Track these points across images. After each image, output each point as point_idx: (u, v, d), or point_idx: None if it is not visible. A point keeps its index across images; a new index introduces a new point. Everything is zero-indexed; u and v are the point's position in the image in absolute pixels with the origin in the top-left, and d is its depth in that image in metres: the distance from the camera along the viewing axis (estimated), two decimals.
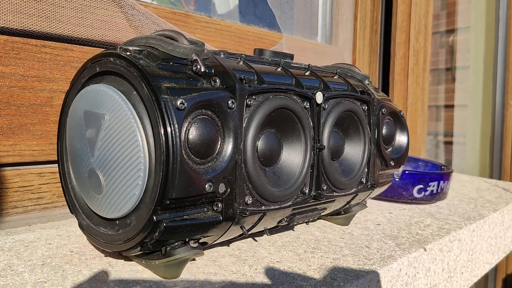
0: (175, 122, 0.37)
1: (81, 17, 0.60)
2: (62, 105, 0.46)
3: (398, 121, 0.67)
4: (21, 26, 0.54)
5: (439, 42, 1.88)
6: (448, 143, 1.85)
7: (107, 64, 0.42)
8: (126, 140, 0.38)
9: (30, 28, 0.55)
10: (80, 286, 0.41)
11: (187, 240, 0.42)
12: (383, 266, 0.52)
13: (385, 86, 1.18)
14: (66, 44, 0.59)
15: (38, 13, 0.56)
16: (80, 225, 0.46)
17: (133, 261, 0.47)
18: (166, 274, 0.44)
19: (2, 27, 0.53)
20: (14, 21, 0.54)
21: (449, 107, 1.84)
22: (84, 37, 0.60)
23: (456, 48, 1.83)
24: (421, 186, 0.81)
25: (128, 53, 0.40)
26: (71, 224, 0.59)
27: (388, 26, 1.15)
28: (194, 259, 0.49)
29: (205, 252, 0.52)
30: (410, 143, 1.27)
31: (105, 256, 0.49)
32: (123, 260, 0.48)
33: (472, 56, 1.73)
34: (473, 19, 1.71)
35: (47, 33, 0.57)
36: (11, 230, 0.55)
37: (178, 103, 0.37)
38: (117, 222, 0.42)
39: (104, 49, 0.44)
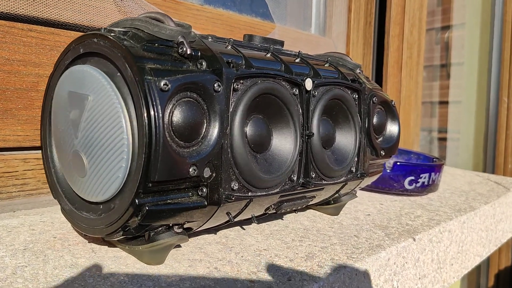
0: (158, 103, 0.36)
1: (69, 1, 0.59)
2: (46, 88, 0.45)
3: (390, 110, 0.66)
4: (7, 10, 0.53)
5: (434, 38, 1.88)
6: (442, 139, 1.85)
7: (91, 45, 0.41)
8: (109, 122, 0.37)
9: (16, 11, 0.54)
10: (61, 271, 0.41)
11: (171, 225, 0.42)
12: (371, 255, 0.52)
13: (379, 79, 1.17)
14: (52, 29, 0.58)
15: None
16: (63, 210, 0.45)
17: (117, 247, 0.46)
18: (150, 260, 0.43)
19: None
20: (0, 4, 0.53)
21: (444, 103, 1.85)
22: (71, 22, 0.59)
23: (451, 44, 1.83)
24: (412, 177, 0.81)
25: (112, 34, 0.40)
26: (56, 210, 0.58)
27: (382, 19, 1.14)
28: (179, 246, 0.49)
29: (192, 239, 0.51)
30: (403, 137, 1.27)
31: (88, 242, 0.48)
32: (106, 246, 0.47)
33: (467, 52, 1.73)
34: (469, 15, 1.71)
35: (33, 17, 0.56)
36: None
37: (162, 84, 0.36)
38: (101, 206, 0.41)
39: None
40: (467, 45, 1.73)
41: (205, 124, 0.40)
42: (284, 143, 0.49)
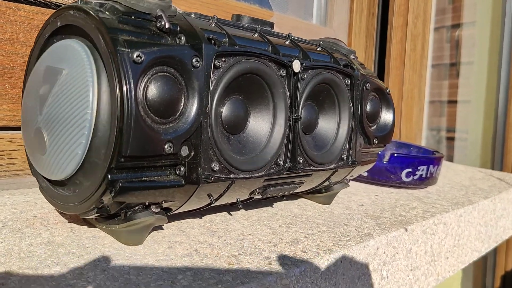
0: (130, 75, 0.35)
1: None
2: (26, 65, 0.45)
3: (384, 98, 0.65)
4: None
5: (444, 36, 1.85)
6: (451, 139, 1.82)
7: (68, 18, 0.40)
8: (76, 96, 0.36)
9: None
10: (36, 248, 0.40)
11: (147, 204, 0.41)
12: (359, 243, 0.51)
13: (381, 72, 1.15)
14: (41, 8, 0.57)
15: None
16: (41, 187, 0.44)
17: (96, 227, 0.46)
18: (128, 241, 0.43)
19: None
20: None
21: (453, 102, 1.82)
22: (59, 2, 0.59)
23: (461, 43, 1.80)
24: (410, 170, 0.79)
25: (88, 6, 0.39)
26: (40, 192, 0.58)
27: (386, 10, 1.12)
28: (161, 228, 0.48)
29: (175, 222, 0.50)
30: (405, 131, 1.25)
31: (68, 222, 0.47)
32: (86, 227, 0.46)
33: (477, 51, 1.70)
34: (479, 14, 1.68)
35: None
36: None
37: (135, 55, 0.35)
38: (68, 184, 0.40)
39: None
40: (477, 43, 1.70)
41: (183, 101, 0.39)
42: (260, 126, 0.48)
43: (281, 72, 0.49)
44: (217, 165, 0.43)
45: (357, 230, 0.55)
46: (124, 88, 0.35)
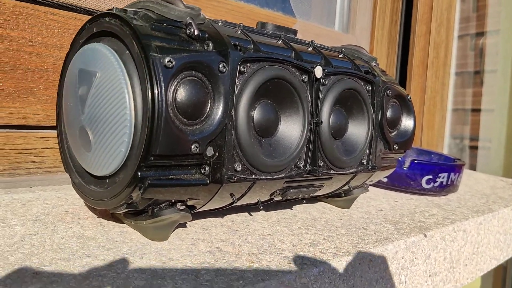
0: (161, 79, 0.37)
1: None
2: (62, 67, 0.47)
3: (405, 104, 0.66)
4: None
5: (468, 44, 1.84)
6: (474, 148, 1.81)
7: (103, 24, 0.42)
8: (114, 97, 0.39)
9: None
10: (68, 241, 0.42)
11: (173, 201, 0.43)
12: (378, 247, 0.52)
13: (403, 79, 1.16)
14: (74, 13, 0.60)
15: None
16: (73, 184, 0.47)
17: (123, 222, 0.48)
18: (154, 236, 0.45)
19: None
20: None
21: (476, 111, 1.80)
22: (93, 8, 0.62)
23: (485, 51, 1.78)
24: (430, 176, 0.79)
25: (123, 13, 0.41)
26: (72, 188, 0.60)
27: (408, 17, 1.13)
28: (184, 226, 0.50)
29: (198, 221, 0.52)
30: (427, 138, 1.25)
31: (97, 217, 0.49)
32: (114, 222, 0.48)
33: (501, 59, 1.68)
34: (504, 22, 1.66)
35: (56, 1, 0.58)
36: (12, 190, 0.56)
37: (166, 61, 0.37)
38: (107, 180, 0.43)
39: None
40: (501, 52, 1.69)
41: (209, 104, 0.41)
42: (291, 129, 0.50)
43: (303, 77, 0.51)
44: (240, 166, 0.45)
45: (375, 234, 0.56)
46: (156, 91, 0.37)
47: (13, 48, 0.56)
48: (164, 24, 0.41)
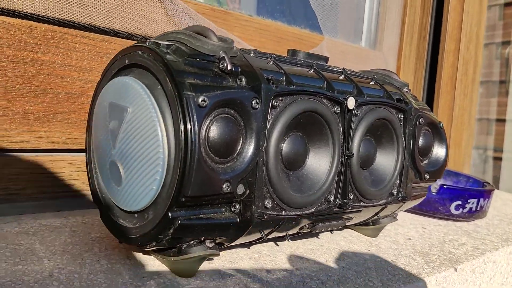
0: (195, 119, 0.36)
1: (121, 10, 0.61)
2: (93, 96, 0.47)
3: (437, 132, 0.64)
4: (61, 16, 0.56)
5: (494, 53, 1.80)
6: (498, 159, 1.77)
7: (136, 57, 0.42)
8: (146, 134, 0.38)
9: (70, 18, 0.57)
10: (96, 276, 0.42)
11: (203, 239, 0.42)
12: (408, 283, 0.50)
13: (430, 96, 1.13)
14: (104, 36, 0.60)
15: (79, 3, 0.57)
16: (101, 216, 0.46)
17: (151, 255, 0.47)
18: (182, 272, 0.44)
19: (43, 15, 0.54)
20: (55, 10, 0.55)
21: (501, 121, 1.76)
22: (122, 30, 0.61)
23: (511, 60, 1.74)
24: (459, 202, 0.77)
25: (156, 47, 0.40)
26: (98, 212, 0.60)
27: (437, 34, 1.10)
28: (211, 259, 0.49)
29: (224, 252, 0.51)
30: (454, 157, 1.22)
31: (124, 248, 0.49)
32: (141, 254, 0.48)
33: None
34: None
35: (87, 24, 0.58)
36: (39, 215, 0.56)
37: (200, 100, 0.36)
38: (136, 215, 0.42)
39: (135, 42, 0.44)
40: None
41: (241, 141, 0.40)
42: (319, 163, 0.48)
43: (335, 109, 0.50)
44: (270, 202, 0.44)
45: (405, 268, 0.54)
46: (189, 131, 0.36)
47: (44, 72, 0.56)
48: (197, 59, 0.40)
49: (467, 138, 1.20)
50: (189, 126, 0.36)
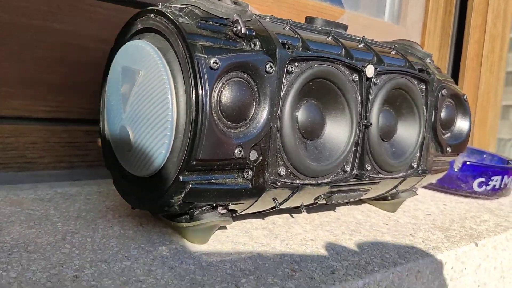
0: (207, 81, 0.35)
1: None
2: (106, 63, 0.46)
3: (460, 105, 0.62)
4: None
5: None
6: None
7: (148, 21, 0.41)
8: (156, 97, 0.38)
9: None
10: (108, 241, 0.42)
11: (215, 205, 0.41)
12: (426, 257, 0.49)
13: (455, 73, 1.10)
14: (119, 5, 0.59)
15: None
16: (114, 182, 0.46)
17: (163, 222, 0.47)
18: (194, 239, 0.44)
19: None
20: None
21: None
22: None
23: None
24: (483, 179, 0.75)
25: (169, 10, 0.39)
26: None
27: (463, 8, 1.06)
28: (225, 227, 0.48)
29: (238, 222, 0.51)
30: (478, 137, 1.19)
31: (138, 215, 0.49)
32: (154, 221, 0.48)
33: None
34: None
35: None
36: (55, 184, 0.57)
37: (212, 62, 0.36)
38: (147, 180, 0.42)
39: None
40: None
41: (254, 106, 0.39)
42: (338, 132, 0.47)
43: (353, 77, 0.48)
44: (284, 170, 0.43)
45: (424, 242, 0.53)
46: (200, 94, 0.35)
47: (59, 41, 0.55)
48: (210, 22, 0.39)
49: (493, 118, 1.16)
50: (200, 89, 0.35)
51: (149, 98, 0.38)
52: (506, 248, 0.61)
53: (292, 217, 0.56)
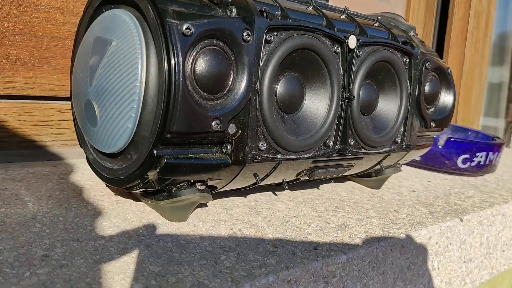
0: (179, 48, 0.33)
1: None
2: (75, 35, 0.44)
3: (445, 79, 0.60)
4: None
5: None
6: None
7: None
8: (125, 69, 0.35)
9: None
10: (81, 220, 0.40)
11: (193, 181, 0.40)
12: (410, 232, 0.48)
13: (440, 49, 1.09)
14: None
15: None
16: (88, 160, 0.44)
17: (141, 201, 0.45)
18: (173, 217, 0.42)
19: None
20: None
21: None
22: None
23: None
24: (467, 156, 0.75)
25: None
26: None
27: None
28: (205, 205, 0.47)
29: (219, 200, 0.49)
30: (462, 114, 1.19)
31: (114, 194, 0.47)
32: (131, 200, 0.46)
33: None
34: None
35: None
36: (27, 163, 0.55)
37: (184, 28, 0.34)
38: (119, 157, 0.40)
39: None
40: None
41: (232, 76, 0.38)
42: (317, 105, 0.46)
43: (335, 48, 0.47)
44: (264, 145, 0.42)
45: (408, 217, 0.52)
46: (172, 62, 0.33)
47: (27, 14, 0.53)
48: None
49: (477, 95, 1.16)
50: (172, 57, 0.33)
51: (118, 69, 0.36)
52: (492, 224, 0.61)
53: (275, 194, 0.54)
